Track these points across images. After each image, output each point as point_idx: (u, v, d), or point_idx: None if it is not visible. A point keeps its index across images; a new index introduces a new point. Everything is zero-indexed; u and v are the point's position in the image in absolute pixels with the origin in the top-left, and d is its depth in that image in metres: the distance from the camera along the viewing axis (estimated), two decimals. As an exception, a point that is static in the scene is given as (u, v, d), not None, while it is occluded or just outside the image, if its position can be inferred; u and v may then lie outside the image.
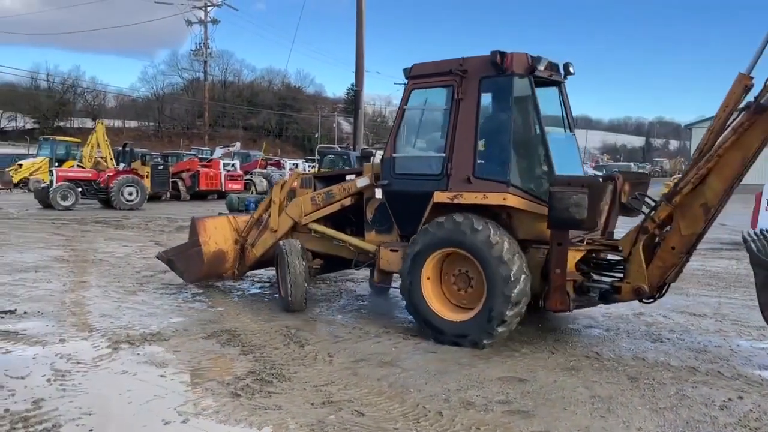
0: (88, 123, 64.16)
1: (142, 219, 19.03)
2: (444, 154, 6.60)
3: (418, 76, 6.99)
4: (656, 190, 43.41)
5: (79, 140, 34.38)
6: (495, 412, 4.66)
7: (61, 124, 70.63)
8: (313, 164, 37.50)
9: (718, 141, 5.53)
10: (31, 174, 30.60)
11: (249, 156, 41.04)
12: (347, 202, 7.71)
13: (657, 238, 6.05)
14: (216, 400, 4.81)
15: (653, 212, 6.02)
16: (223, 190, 28.30)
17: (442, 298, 6.58)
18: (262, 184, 30.75)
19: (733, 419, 4.62)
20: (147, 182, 24.39)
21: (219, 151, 40.62)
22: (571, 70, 7.15)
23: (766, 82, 5.41)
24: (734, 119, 5.49)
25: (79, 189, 22.12)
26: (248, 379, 5.25)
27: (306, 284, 7.54)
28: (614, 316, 7.71)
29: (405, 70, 7.10)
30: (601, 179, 6.40)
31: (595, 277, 6.53)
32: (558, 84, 7.16)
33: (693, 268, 11.36)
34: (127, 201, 22.32)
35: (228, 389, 5.02)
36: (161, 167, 26.53)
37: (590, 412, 4.70)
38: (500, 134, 6.50)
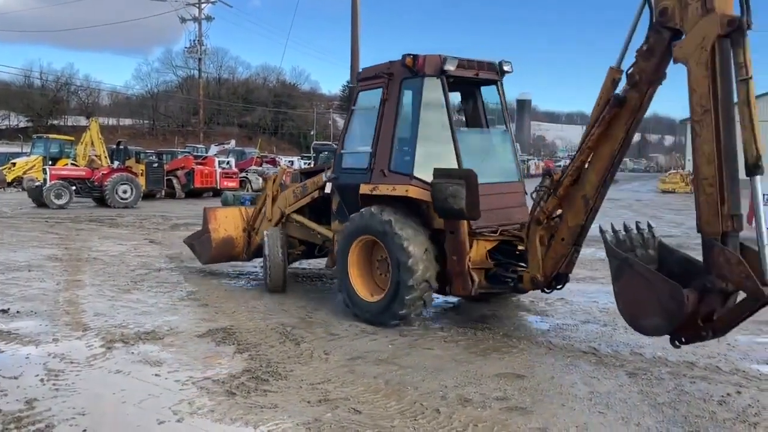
0: (82, 121, 63.77)
1: (137, 217, 18.94)
2: (371, 150, 7.16)
3: (363, 79, 7.59)
4: (652, 185, 43.00)
5: (73, 138, 34.20)
6: (492, 409, 4.63)
7: (55, 122, 70.27)
8: (309, 161, 37.42)
9: (591, 134, 5.72)
10: (24, 172, 30.41)
11: (244, 153, 40.91)
12: (316, 194, 8.41)
13: (551, 230, 6.23)
14: (211, 398, 4.76)
15: (541, 204, 6.18)
16: (218, 187, 28.21)
17: (366, 281, 7.11)
18: (257, 181, 30.66)
19: (732, 414, 4.59)
20: (142, 180, 24.26)
21: (214, 149, 40.50)
22: (506, 68, 7.44)
23: (626, 75, 5.53)
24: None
25: (73, 187, 22.00)
26: (244, 377, 5.21)
27: (285, 267, 8.36)
28: (611, 312, 7.67)
29: (357, 74, 7.79)
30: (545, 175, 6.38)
31: (512, 269, 6.75)
32: (494, 82, 7.55)
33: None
34: (122, 199, 22.20)
35: (223, 388, 4.97)
36: (156, 165, 26.40)
37: (588, 408, 4.67)
38: (409, 131, 6.96)
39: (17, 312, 7.15)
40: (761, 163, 4.47)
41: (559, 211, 6.17)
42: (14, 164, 31.43)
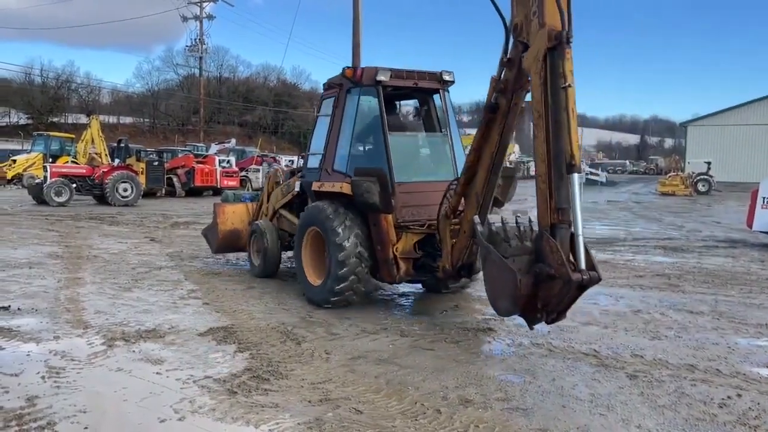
0: (83, 119, 63.74)
1: (137, 215, 18.93)
2: (322, 153, 7.96)
3: (326, 89, 8.44)
4: (652, 187, 43.01)
5: (73, 136, 34.17)
6: (494, 410, 4.64)
7: (56, 119, 70.20)
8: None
9: (476, 137, 6.36)
10: (24, 170, 30.42)
11: (244, 152, 40.88)
12: (296, 191, 9.05)
13: (457, 225, 6.82)
14: (212, 397, 4.77)
15: (448, 200, 6.83)
16: (219, 186, 28.21)
17: (316, 267, 7.80)
18: (257, 180, 30.65)
19: (733, 417, 4.60)
20: (142, 178, 24.27)
21: (214, 148, 40.44)
22: (446, 78, 8.08)
23: (490, 83, 6.10)
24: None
25: (74, 185, 22.00)
26: (245, 376, 5.21)
27: (279, 255, 9.29)
28: (612, 313, 7.70)
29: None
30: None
31: (433, 258, 7.33)
32: (437, 91, 8.16)
33: (689, 265, 11.38)
34: (122, 197, 22.21)
35: (224, 387, 4.97)
36: (156, 163, 26.39)
37: (589, 410, 4.68)
38: (348, 135, 7.68)
39: (18, 309, 7.15)
40: (575, 162, 5.06)
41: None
42: (14, 161, 31.44)
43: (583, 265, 5.09)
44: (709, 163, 39.91)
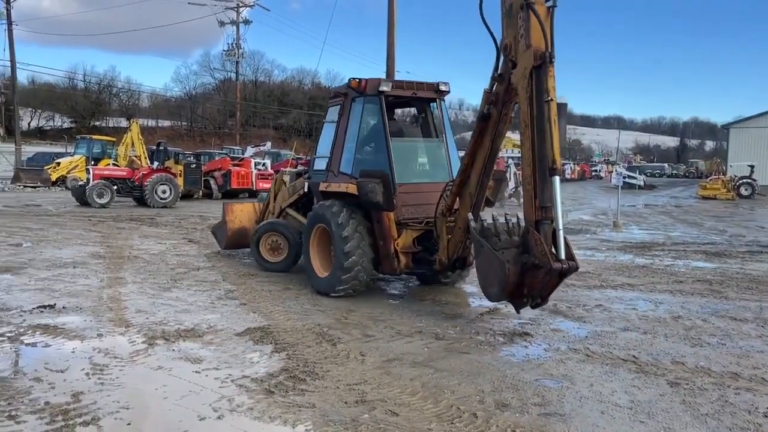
0: (123, 122, 65.34)
1: (175, 217, 19.29)
2: (329, 155, 8.61)
3: (332, 97, 9.22)
4: (692, 191, 42.09)
5: (114, 139, 34.99)
6: (531, 415, 4.59)
7: (97, 123, 72.15)
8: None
9: (470, 143, 7.09)
10: (68, 172, 31.20)
11: (279, 155, 41.28)
12: (302, 192, 9.90)
13: (453, 222, 7.54)
14: (250, 396, 4.83)
15: (444, 199, 7.53)
16: (254, 188, 28.52)
17: (323, 261, 8.52)
18: (292, 183, 30.84)
19: (779, 427, 4.46)
20: (180, 181, 24.68)
21: (250, 151, 40.94)
22: (443, 88, 8.76)
23: (483, 94, 6.85)
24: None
25: (115, 187, 22.50)
26: (282, 376, 5.27)
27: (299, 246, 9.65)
28: (651, 319, 7.55)
29: (329, 93, 9.69)
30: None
31: (430, 252, 8.00)
32: (433, 100, 8.86)
33: (732, 271, 11.09)
34: (161, 199, 22.63)
35: (262, 386, 5.04)
36: (194, 166, 26.84)
37: (629, 417, 4.60)
38: (353, 140, 8.34)
39: (63, 307, 7.36)
40: (557, 167, 5.86)
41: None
42: (59, 164, 32.26)
43: (563, 256, 5.85)
44: (752, 167, 38.82)
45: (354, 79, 8.24)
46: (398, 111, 10.10)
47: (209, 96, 78.81)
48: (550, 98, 5.88)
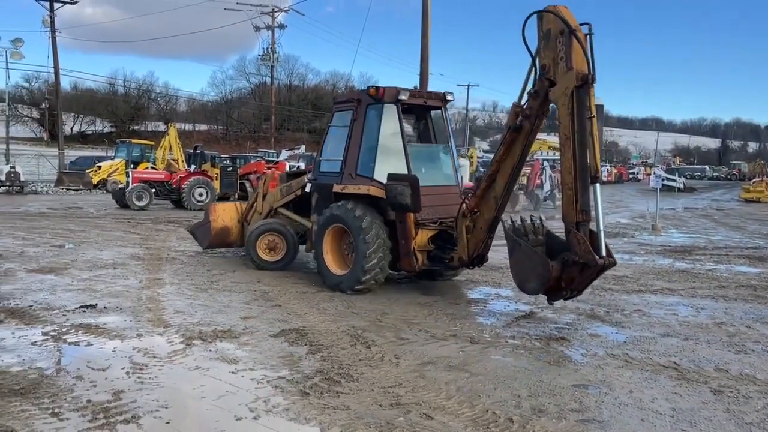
0: (161, 126, 66.71)
1: (212, 219, 19.54)
2: (342, 158, 8.95)
3: (338, 103, 9.69)
4: (734, 194, 40.93)
5: (152, 143, 35.66)
6: (568, 421, 4.52)
7: (136, 127, 73.76)
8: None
9: (499, 151, 7.70)
10: (108, 175, 31.93)
11: (313, 158, 41.57)
12: (299, 192, 10.34)
13: (473, 222, 8.11)
14: (286, 398, 4.86)
15: (467, 202, 8.10)
16: (289, 191, 28.71)
17: (336, 259, 8.98)
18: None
19: (830, 439, 4.30)
20: (216, 184, 25.06)
21: (285, 154, 41.32)
22: (449, 98, 9.39)
23: (512, 108, 7.55)
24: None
25: (153, 190, 22.96)
26: (317, 378, 5.29)
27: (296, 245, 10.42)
28: (693, 325, 7.36)
29: (333, 99, 10.35)
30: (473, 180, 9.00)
31: (447, 251, 8.49)
32: (439, 108, 9.40)
33: (778, 276, 10.75)
34: (198, 201, 23.00)
35: (297, 387, 5.07)
36: (230, 169, 27.19)
37: (671, 425, 4.49)
38: (372, 144, 8.73)
39: (104, 307, 7.53)
40: (598, 175, 6.64)
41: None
42: (99, 167, 33.05)
43: (603, 253, 6.53)
44: (797, 168, 37.56)
45: (372, 87, 8.78)
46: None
47: (245, 100, 79.88)
48: (592, 115, 6.62)
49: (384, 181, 8.34)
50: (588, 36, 6.71)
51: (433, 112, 9.59)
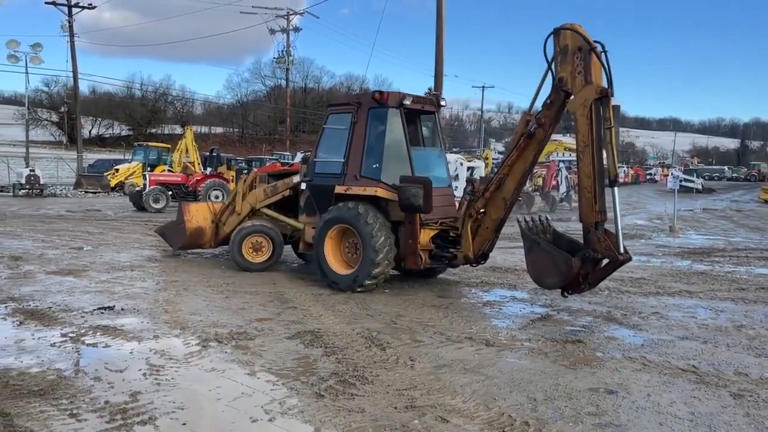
0: (178, 129, 67.27)
1: (228, 221, 19.65)
2: (343, 160, 9.14)
3: (333, 105, 10.04)
4: (754, 194, 40.25)
5: (169, 146, 35.93)
6: (585, 425, 4.48)
7: (153, 130, 74.41)
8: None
9: (510, 155, 8.19)
10: (126, 178, 32.20)
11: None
12: (287, 193, 10.49)
13: (479, 221, 8.57)
14: (301, 400, 4.87)
15: (474, 203, 8.48)
16: (304, 193, 28.81)
17: (338, 260, 9.14)
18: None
19: None
20: (232, 186, 25.21)
21: (300, 156, 41.46)
22: (442, 103, 9.94)
23: (523, 116, 8.24)
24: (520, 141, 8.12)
25: (170, 192, 23.16)
26: (332, 380, 5.29)
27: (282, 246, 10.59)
28: (712, 328, 7.27)
29: (328, 101, 10.93)
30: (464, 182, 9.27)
31: (447, 249, 8.90)
32: (432, 113, 9.83)
33: (799, 278, 10.58)
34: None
35: (312, 389, 5.07)
36: (246, 171, 27.33)
37: (689, 429, 4.43)
38: (377, 147, 9.00)
39: (122, 309, 7.59)
40: (617, 179, 7.18)
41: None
42: (117, 170, 33.38)
43: (621, 250, 7.08)
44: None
45: (377, 91, 9.05)
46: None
47: (260, 103, 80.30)
48: (611, 125, 7.20)
49: (389, 183, 8.68)
50: (603, 53, 7.31)
51: (424, 116, 9.85)
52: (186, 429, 4.36)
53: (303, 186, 10.02)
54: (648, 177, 70.97)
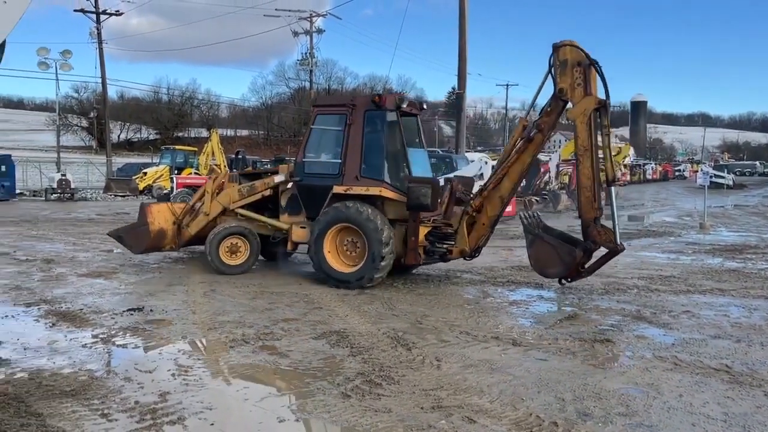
0: (204, 132, 68.07)
1: (254, 223, 19.81)
2: (340, 160, 9.35)
3: (321, 106, 10.20)
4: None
5: (195, 149, 36.42)
6: (615, 425, 4.41)
7: (180, 134, 75.49)
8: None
9: (508, 157, 8.86)
10: (154, 181, 32.71)
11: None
12: (267, 193, 10.30)
13: (474, 218, 9.10)
14: (327, 400, 4.88)
15: (472, 201, 9.12)
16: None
17: (336, 258, 9.28)
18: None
19: None
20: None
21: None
22: (424, 106, 10.53)
23: (520, 121, 9.14)
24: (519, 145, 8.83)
25: (197, 194, 23.38)
26: (358, 380, 5.29)
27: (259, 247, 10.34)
28: (745, 327, 7.11)
29: (312, 101, 11.33)
30: (442, 181, 9.76)
31: (438, 245, 9.30)
32: (416, 115, 10.24)
33: (836, 275, 10.29)
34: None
35: (338, 390, 5.08)
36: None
37: (723, 430, 4.33)
38: (377, 148, 9.31)
39: (150, 310, 7.70)
40: (614, 179, 8.19)
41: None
42: (145, 174, 33.91)
43: (618, 241, 8.03)
44: None
45: (376, 94, 9.42)
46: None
47: (284, 105, 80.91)
48: (608, 132, 8.27)
49: (391, 182, 9.15)
50: (599, 68, 8.17)
51: (408, 118, 10.02)
52: (214, 429, 4.40)
53: (290, 185, 9.94)
54: (677, 173, 69.79)
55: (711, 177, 29.76)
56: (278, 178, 10.13)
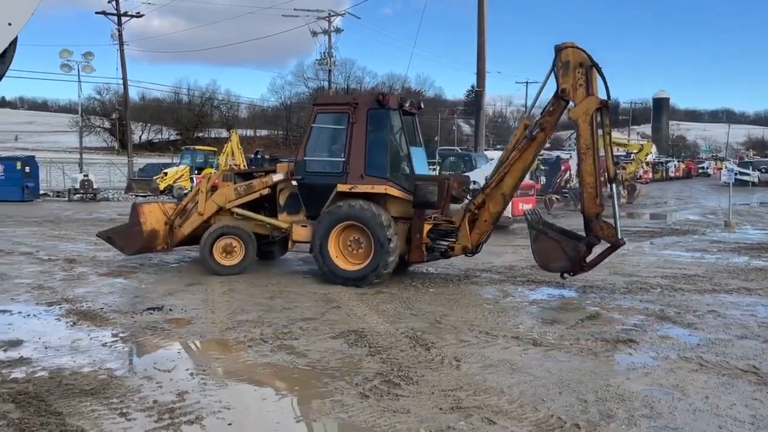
0: (224, 133, 68.58)
1: (273, 222, 19.87)
2: (343, 159, 9.38)
3: (321, 104, 10.28)
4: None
5: (215, 149, 36.62)
6: (639, 427, 4.31)
7: (200, 134, 76.15)
8: (434, 166, 37.43)
9: (510, 155, 8.96)
10: (174, 181, 32.91)
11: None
12: (265, 191, 10.22)
13: (476, 215, 9.22)
14: (345, 401, 4.84)
15: (474, 198, 9.30)
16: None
17: (342, 256, 9.32)
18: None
19: None
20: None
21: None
22: (422, 105, 10.51)
23: (521, 122, 9.35)
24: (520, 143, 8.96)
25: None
26: (376, 380, 5.25)
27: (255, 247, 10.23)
28: (773, 327, 6.93)
29: (312, 99, 12.33)
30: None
31: (440, 242, 9.43)
32: (414, 114, 10.26)
33: None
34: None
35: (357, 390, 5.04)
36: (290, 173, 27.59)
37: (751, 434, 4.21)
38: (381, 146, 9.37)
39: (170, 310, 7.73)
40: (615, 177, 8.54)
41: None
42: (166, 174, 34.14)
43: (619, 235, 8.31)
44: None
45: (381, 94, 9.52)
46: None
47: (303, 105, 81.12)
48: (609, 131, 8.48)
49: (395, 181, 9.24)
50: (600, 69, 8.37)
51: (405, 117, 9.93)
52: (232, 428, 4.38)
53: (293, 183, 9.84)
54: (700, 171, 68.71)
55: (736, 174, 29.20)
56: (277, 177, 10.08)
